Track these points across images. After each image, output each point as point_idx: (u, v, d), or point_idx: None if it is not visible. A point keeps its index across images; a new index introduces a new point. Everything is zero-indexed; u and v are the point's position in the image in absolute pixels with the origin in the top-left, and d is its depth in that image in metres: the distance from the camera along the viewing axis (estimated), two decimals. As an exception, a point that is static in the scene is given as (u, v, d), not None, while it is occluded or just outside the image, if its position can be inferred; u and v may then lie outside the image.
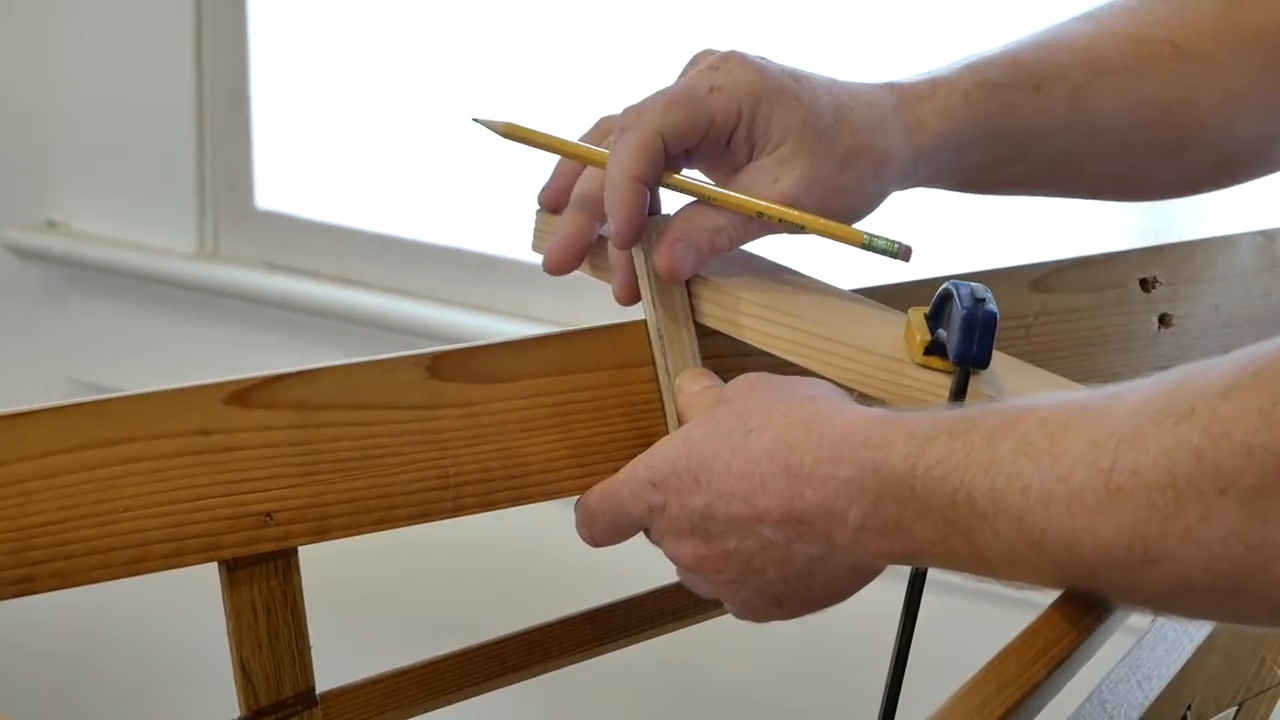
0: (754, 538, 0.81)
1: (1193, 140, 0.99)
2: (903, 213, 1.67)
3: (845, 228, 0.90)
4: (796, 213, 0.89)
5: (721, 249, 0.90)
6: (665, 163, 0.89)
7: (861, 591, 0.85)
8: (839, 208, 0.91)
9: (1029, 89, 0.95)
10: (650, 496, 0.85)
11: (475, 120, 0.93)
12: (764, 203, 0.89)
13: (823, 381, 0.86)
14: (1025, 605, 1.28)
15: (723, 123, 0.89)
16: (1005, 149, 0.95)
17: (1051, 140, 0.96)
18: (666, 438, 0.86)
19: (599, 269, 0.95)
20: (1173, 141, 0.99)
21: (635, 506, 0.86)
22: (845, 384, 0.89)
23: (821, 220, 0.90)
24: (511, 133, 0.92)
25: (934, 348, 0.86)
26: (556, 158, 0.96)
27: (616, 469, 0.92)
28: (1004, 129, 0.95)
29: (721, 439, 0.82)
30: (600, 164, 0.91)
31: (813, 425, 0.79)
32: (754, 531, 0.81)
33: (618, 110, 0.91)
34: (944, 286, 0.85)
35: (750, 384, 0.85)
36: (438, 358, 0.90)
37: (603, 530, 0.89)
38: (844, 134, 0.90)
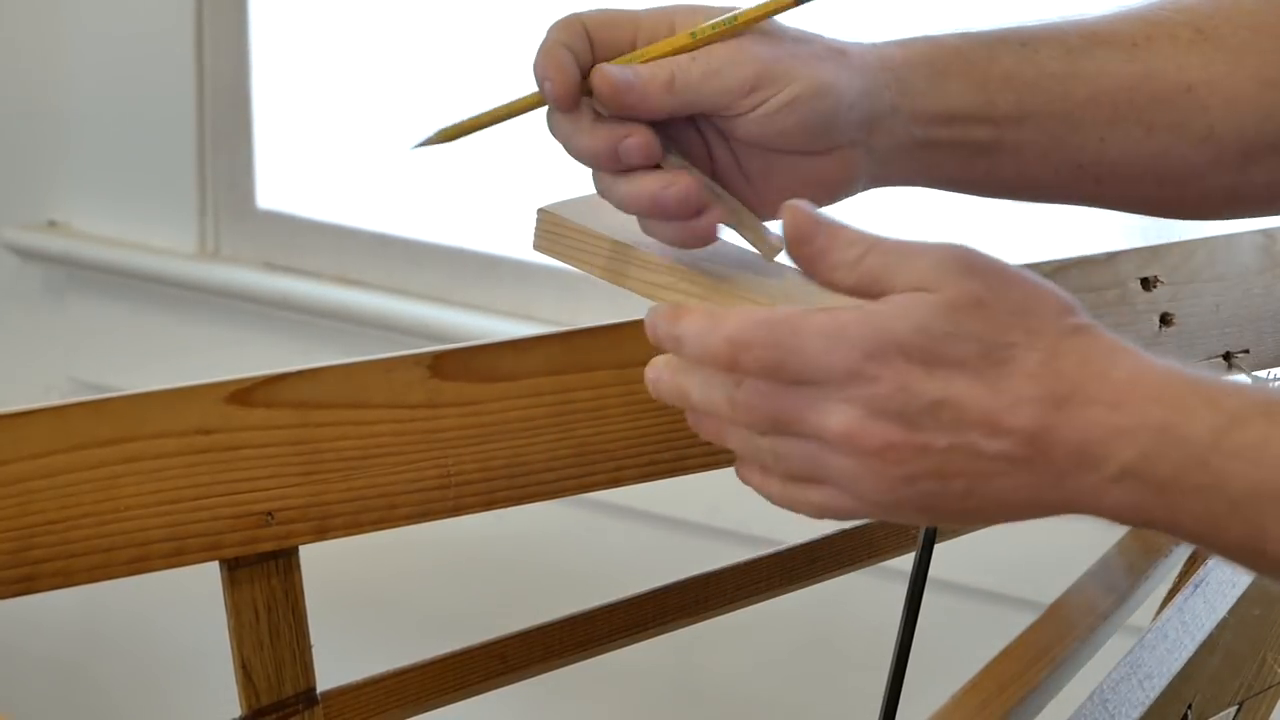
0: (969, 446, 0.74)
1: (1223, 123, 0.94)
2: (903, 212, 1.66)
3: None
4: (722, 20, 0.85)
5: (667, 84, 0.85)
6: (592, 57, 0.86)
7: (862, 591, 0.85)
8: (804, 86, 0.87)
9: (1014, 44, 0.91)
10: (860, 364, 0.74)
11: (416, 148, 0.92)
12: (688, 32, 0.85)
13: (1068, 296, 0.77)
14: (1026, 605, 1.28)
15: (649, 32, 0.86)
16: (996, 96, 0.90)
17: (1048, 94, 0.91)
18: (889, 306, 0.75)
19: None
20: (1201, 124, 0.94)
21: (826, 361, 0.75)
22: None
23: (751, 7, 0.85)
24: (450, 135, 0.91)
25: (935, 347, 0.86)
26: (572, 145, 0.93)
27: (618, 468, 0.93)
28: (986, 72, 0.90)
29: (974, 342, 0.74)
30: (538, 104, 0.88)
31: (1091, 359, 0.73)
32: (974, 442, 0.74)
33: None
34: (945, 286, 0.85)
35: (1005, 280, 0.76)
36: (439, 357, 0.90)
37: (753, 361, 0.75)
38: (793, 32, 0.87)
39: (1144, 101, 0.93)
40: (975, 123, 0.91)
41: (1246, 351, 1.11)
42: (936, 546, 0.87)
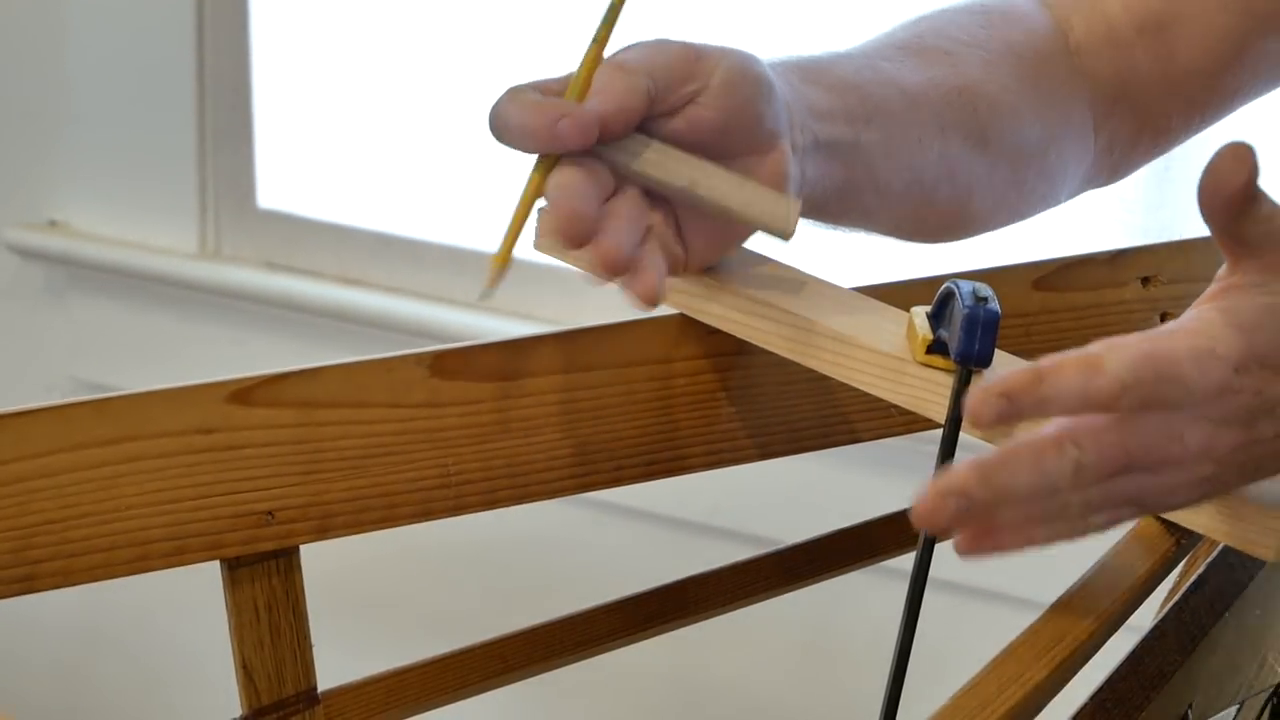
0: None
1: (990, 128, 0.99)
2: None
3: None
4: (606, 11, 0.86)
5: (644, 89, 0.86)
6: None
7: (862, 591, 0.85)
8: (736, 58, 0.88)
9: (834, 59, 0.96)
10: (1229, 378, 0.76)
11: (485, 294, 0.91)
12: (590, 48, 0.86)
13: None
14: (1026, 605, 1.28)
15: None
16: (846, 97, 0.94)
17: (878, 98, 0.95)
18: (1245, 317, 0.78)
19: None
20: (974, 126, 0.99)
21: (1202, 383, 0.75)
22: (848, 383, 0.89)
23: None
24: (503, 260, 0.89)
25: (936, 347, 0.86)
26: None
27: (618, 468, 0.92)
28: (831, 77, 0.94)
29: None
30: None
31: None
32: None
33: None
34: (946, 285, 0.85)
35: None
36: (439, 356, 0.90)
37: (1136, 399, 0.75)
38: None
39: (936, 103, 0.97)
40: (841, 120, 0.93)
41: (1247, 351, 1.11)
42: (937, 547, 0.87)
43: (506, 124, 0.86)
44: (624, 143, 0.86)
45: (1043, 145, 1.02)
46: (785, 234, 0.87)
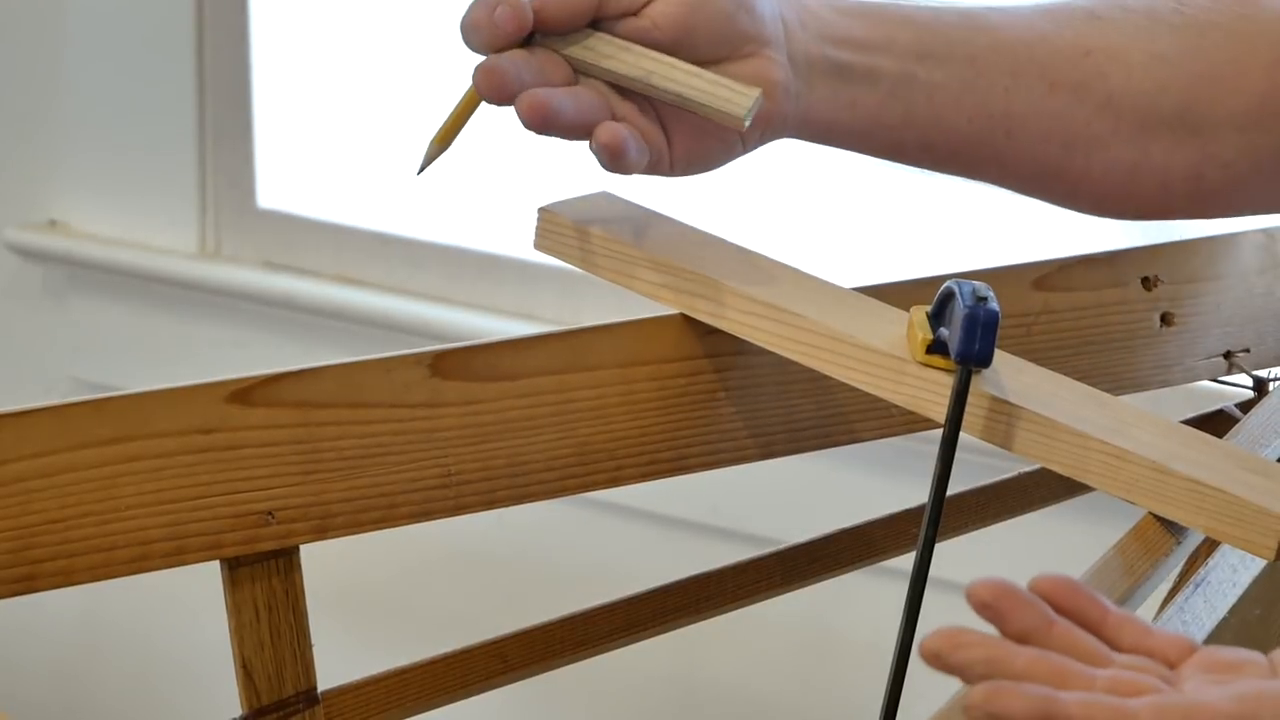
0: None
1: (1121, 92, 0.97)
2: (905, 211, 1.67)
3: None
4: None
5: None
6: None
7: (862, 591, 0.85)
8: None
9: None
10: None
11: (421, 172, 0.94)
12: None
13: None
14: (1026, 605, 1.28)
15: None
16: (895, 31, 0.93)
17: (948, 37, 0.94)
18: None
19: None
20: (1100, 90, 0.96)
21: None
22: (848, 383, 0.89)
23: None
24: (442, 141, 0.96)
25: (936, 346, 0.87)
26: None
27: (618, 468, 0.92)
28: (883, 12, 0.93)
29: None
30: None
31: None
32: None
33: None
34: (946, 285, 0.85)
35: None
36: (439, 356, 0.90)
37: None
38: None
39: (1044, 57, 0.96)
40: (878, 51, 0.93)
41: (1247, 351, 1.11)
42: (936, 546, 0.87)
43: (464, 23, 0.91)
44: (581, 39, 0.89)
45: (1186, 110, 0.98)
46: (738, 119, 0.88)
